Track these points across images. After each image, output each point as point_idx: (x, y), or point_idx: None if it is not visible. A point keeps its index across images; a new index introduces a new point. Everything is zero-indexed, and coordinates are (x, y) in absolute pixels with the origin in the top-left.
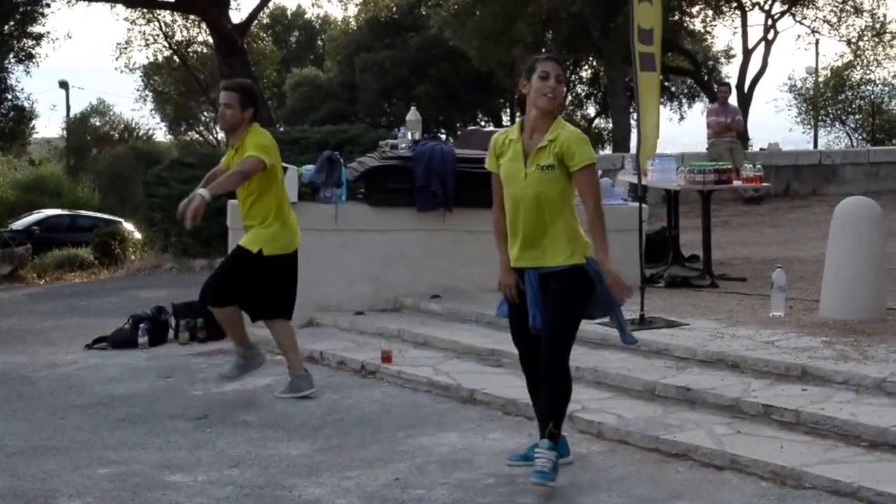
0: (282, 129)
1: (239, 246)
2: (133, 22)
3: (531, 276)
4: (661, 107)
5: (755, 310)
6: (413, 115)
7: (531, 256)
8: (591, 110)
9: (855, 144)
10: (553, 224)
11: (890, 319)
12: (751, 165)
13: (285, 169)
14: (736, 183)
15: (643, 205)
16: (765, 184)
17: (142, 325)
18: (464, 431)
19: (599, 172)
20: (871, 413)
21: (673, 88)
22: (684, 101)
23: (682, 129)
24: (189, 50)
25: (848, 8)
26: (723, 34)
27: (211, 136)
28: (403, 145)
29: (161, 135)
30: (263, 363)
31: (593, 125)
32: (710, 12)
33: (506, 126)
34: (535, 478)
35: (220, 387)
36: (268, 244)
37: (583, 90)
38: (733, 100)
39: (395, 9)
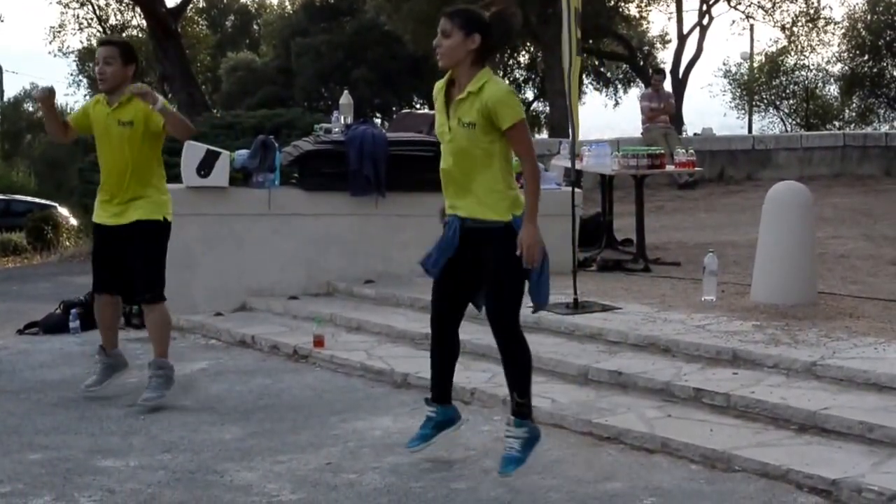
0: (217, 113)
1: (149, 221)
2: (66, 5)
3: (455, 222)
4: (598, 92)
5: (688, 294)
6: (346, 98)
7: (461, 206)
8: (530, 94)
9: (789, 129)
10: (479, 180)
11: (821, 303)
12: (683, 150)
13: (217, 154)
14: (669, 167)
15: (577, 189)
16: (697, 168)
17: (73, 310)
18: (398, 415)
19: None
20: (800, 396)
21: (609, 74)
22: (620, 86)
23: (619, 115)
24: (123, 34)
25: None
26: (658, 19)
27: None
28: (337, 129)
29: None
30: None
31: (531, 109)
32: None
33: None
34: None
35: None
36: (168, 210)
37: (521, 75)
38: (668, 86)
39: None
